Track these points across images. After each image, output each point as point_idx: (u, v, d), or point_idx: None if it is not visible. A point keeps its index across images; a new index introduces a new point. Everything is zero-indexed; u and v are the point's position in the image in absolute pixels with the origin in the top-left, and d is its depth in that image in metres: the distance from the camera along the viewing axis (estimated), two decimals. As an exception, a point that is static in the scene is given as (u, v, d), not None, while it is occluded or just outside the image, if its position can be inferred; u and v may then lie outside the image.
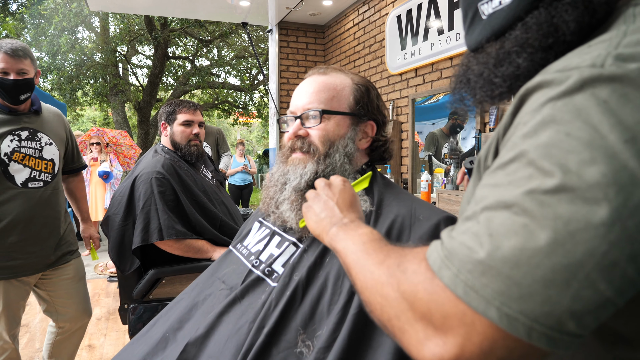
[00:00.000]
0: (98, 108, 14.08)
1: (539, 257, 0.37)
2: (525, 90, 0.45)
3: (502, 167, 0.43)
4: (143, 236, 1.88)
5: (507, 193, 0.41)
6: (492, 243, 0.40)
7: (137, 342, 1.10)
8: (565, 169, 0.38)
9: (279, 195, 1.03)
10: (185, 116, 2.12)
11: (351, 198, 0.78)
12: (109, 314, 3.68)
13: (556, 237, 0.37)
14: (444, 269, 0.43)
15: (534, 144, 0.40)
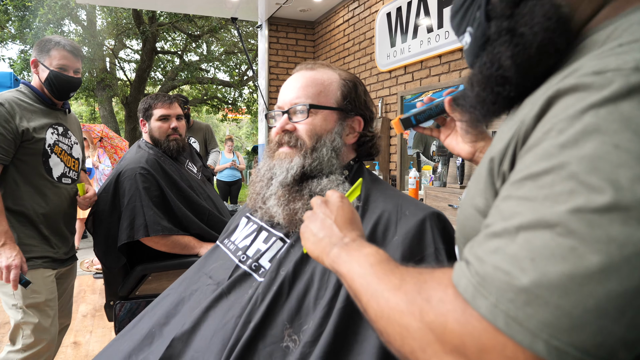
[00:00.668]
0: (84, 103, 13.89)
1: (591, 285, 0.34)
2: (556, 92, 0.42)
3: (533, 178, 0.39)
4: (129, 233, 1.87)
5: (546, 210, 0.37)
6: (536, 268, 0.35)
7: (122, 338, 1.10)
8: (616, 185, 0.34)
9: (265, 191, 1.03)
10: (161, 111, 2.09)
11: (350, 214, 0.73)
12: (95, 310, 3.65)
13: (610, 262, 0.33)
14: (479, 297, 0.39)
15: (577, 156, 0.37)
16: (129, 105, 10.94)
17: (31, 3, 9.33)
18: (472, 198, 0.55)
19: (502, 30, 0.53)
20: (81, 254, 5.43)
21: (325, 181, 0.99)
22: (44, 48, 1.85)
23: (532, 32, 0.50)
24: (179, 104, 2.18)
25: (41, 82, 1.87)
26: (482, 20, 0.56)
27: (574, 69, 0.43)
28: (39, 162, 1.85)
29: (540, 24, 0.49)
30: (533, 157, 0.41)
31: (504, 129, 0.52)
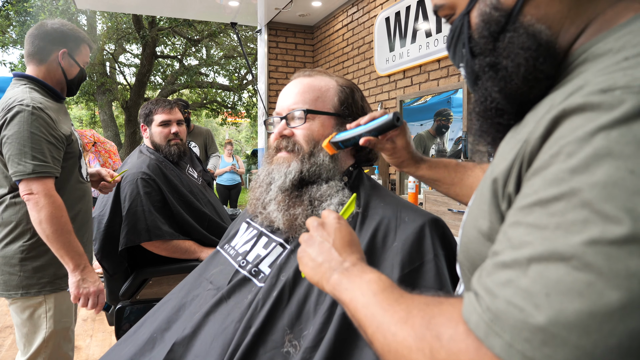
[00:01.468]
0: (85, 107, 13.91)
1: (612, 322, 0.31)
2: (562, 112, 0.40)
3: (543, 205, 0.38)
4: (130, 237, 1.88)
5: (559, 241, 0.35)
6: (552, 305, 0.33)
7: (124, 342, 1.10)
8: (634, 215, 0.32)
9: (265, 196, 1.04)
10: (161, 116, 2.10)
11: (348, 236, 0.69)
12: (96, 315, 3.65)
13: (631, 298, 0.31)
14: (492, 336, 0.37)
15: (589, 182, 0.34)
16: (129, 110, 10.96)
17: (32, 8, 9.36)
18: (475, 220, 0.53)
19: (485, 66, 0.54)
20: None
21: (325, 187, 1.00)
22: (76, 41, 1.67)
23: (514, 65, 0.51)
24: (179, 108, 2.19)
25: (65, 75, 1.67)
26: (468, 57, 0.58)
27: (578, 85, 0.42)
28: (77, 164, 1.71)
29: (520, 55, 0.51)
30: (542, 181, 0.39)
31: (505, 147, 0.51)
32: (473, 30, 0.57)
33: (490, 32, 0.54)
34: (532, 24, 0.51)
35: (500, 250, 0.41)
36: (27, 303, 1.62)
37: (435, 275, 0.84)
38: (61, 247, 1.51)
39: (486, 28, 0.55)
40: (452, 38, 0.61)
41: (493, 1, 0.54)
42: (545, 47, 0.50)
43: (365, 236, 0.91)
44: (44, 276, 1.62)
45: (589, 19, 0.51)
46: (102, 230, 1.95)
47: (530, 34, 0.51)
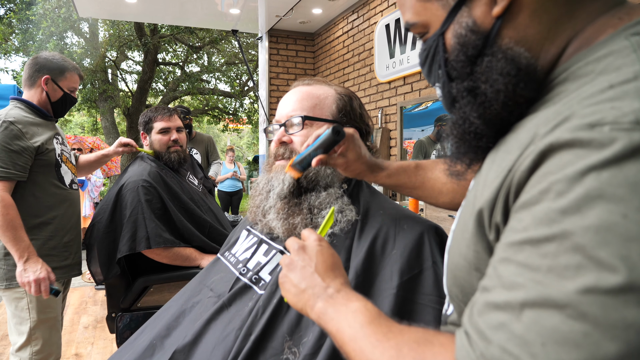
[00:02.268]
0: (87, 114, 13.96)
1: None
2: (549, 146, 0.39)
3: (533, 244, 0.37)
4: (130, 245, 1.88)
5: (553, 286, 0.34)
6: (549, 356, 0.33)
7: (124, 350, 1.11)
8: (630, 264, 0.31)
9: (264, 204, 1.04)
10: (161, 124, 2.12)
11: (330, 259, 0.67)
12: (97, 322, 3.65)
13: (629, 350, 0.31)
14: None
15: (581, 225, 0.34)
16: (131, 116, 11.00)
17: (35, 17, 9.43)
18: (459, 247, 0.53)
19: (463, 90, 0.53)
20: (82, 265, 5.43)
21: (324, 194, 1.01)
22: (60, 69, 1.94)
23: (494, 90, 0.50)
24: (179, 115, 2.21)
25: (49, 99, 1.93)
26: (445, 80, 0.56)
27: (564, 115, 0.40)
28: (52, 172, 1.92)
29: (499, 81, 0.49)
30: (532, 218, 0.38)
31: (488, 174, 0.49)
32: (449, 52, 0.54)
33: (468, 56, 0.52)
34: (510, 47, 0.50)
35: (491, 287, 0.40)
36: (13, 295, 1.84)
37: (434, 283, 0.84)
38: (7, 241, 1.73)
39: (463, 51, 0.52)
40: (426, 57, 0.59)
41: (469, 23, 0.52)
42: (525, 71, 0.49)
43: (364, 243, 0.91)
44: None
45: (569, 38, 0.50)
46: (99, 237, 1.95)
47: (509, 58, 0.49)
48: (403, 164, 0.97)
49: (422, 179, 0.95)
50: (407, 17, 0.59)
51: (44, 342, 1.87)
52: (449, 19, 0.53)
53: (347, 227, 0.96)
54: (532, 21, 0.50)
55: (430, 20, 0.56)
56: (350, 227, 0.96)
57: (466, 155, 0.56)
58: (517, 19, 0.50)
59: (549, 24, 0.50)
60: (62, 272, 1.96)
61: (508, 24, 0.50)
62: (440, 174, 0.94)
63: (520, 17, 0.50)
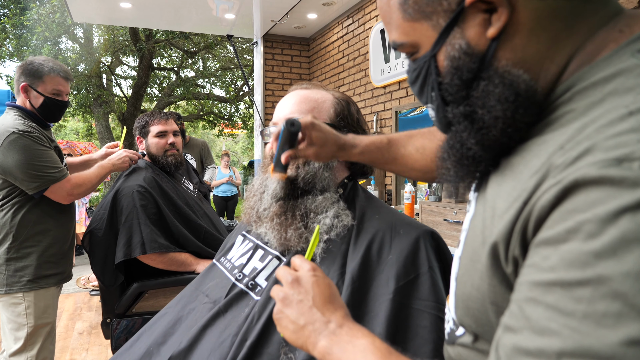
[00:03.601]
0: (81, 119, 13.91)
1: None
2: (574, 183, 0.37)
3: (565, 287, 0.35)
4: (125, 250, 1.87)
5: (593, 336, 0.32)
6: None
7: (120, 357, 1.10)
8: None
9: (259, 205, 1.04)
10: (157, 127, 2.12)
11: (328, 290, 0.64)
12: (91, 328, 3.62)
13: None
14: None
15: (619, 271, 0.32)
16: (126, 122, 10.96)
17: (29, 22, 9.40)
18: (470, 277, 0.50)
19: (460, 116, 0.50)
20: (77, 270, 5.40)
21: (320, 198, 1.01)
22: (35, 74, 1.85)
23: (492, 117, 0.47)
24: (174, 119, 2.21)
25: (33, 107, 1.88)
26: (439, 103, 0.53)
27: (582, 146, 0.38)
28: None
29: (497, 108, 0.47)
30: (559, 259, 0.36)
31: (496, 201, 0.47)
32: (442, 75, 0.51)
33: (463, 80, 0.49)
34: (508, 70, 0.47)
35: (518, 329, 0.38)
36: (10, 301, 1.84)
37: (431, 287, 0.84)
38: (99, 178, 2.02)
39: (457, 75, 0.49)
40: (417, 77, 0.55)
41: (462, 45, 0.48)
42: (524, 96, 0.47)
43: (360, 249, 0.91)
44: (25, 275, 1.84)
45: (569, 55, 0.47)
46: (99, 243, 1.94)
47: (507, 83, 0.47)
48: (375, 139, 0.95)
49: (394, 155, 0.95)
50: (394, 36, 0.55)
51: (40, 347, 1.87)
52: (440, 41, 0.50)
53: (343, 232, 0.96)
54: (529, 41, 0.47)
55: (420, 41, 0.52)
56: (346, 232, 0.96)
57: (464, 179, 0.54)
58: (514, 40, 0.47)
59: (548, 42, 0.47)
60: (57, 279, 1.96)
61: (504, 45, 0.47)
62: (412, 149, 0.94)
63: (517, 38, 0.47)
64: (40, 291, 1.87)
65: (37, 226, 1.87)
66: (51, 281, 1.91)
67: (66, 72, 1.94)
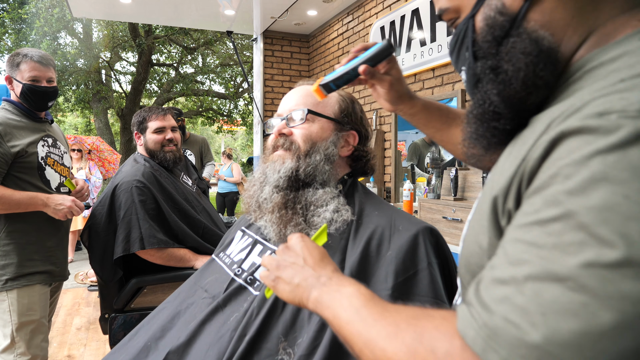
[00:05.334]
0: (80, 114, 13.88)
1: (604, 342, 0.33)
2: (560, 134, 0.41)
3: (541, 224, 0.39)
4: (124, 246, 1.87)
5: (556, 261, 0.36)
6: (548, 324, 0.35)
7: (118, 351, 1.10)
8: (628, 240, 0.33)
9: (259, 194, 1.04)
10: (155, 123, 2.11)
11: (316, 250, 0.70)
12: (89, 323, 3.62)
13: (623, 320, 0.33)
14: (489, 352, 0.38)
15: (585, 205, 0.36)
16: (125, 117, 10.95)
17: (27, 16, 9.37)
18: (475, 235, 0.53)
19: (486, 68, 0.55)
20: (75, 266, 5.40)
21: (321, 192, 1.01)
22: (13, 63, 1.85)
23: (515, 69, 0.52)
24: (172, 116, 2.20)
25: (17, 96, 1.87)
26: (471, 60, 0.58)
27: (575, 106, 0.42)
28: (35, 175, 1.88)
29: (520, 60, 0.51)
30: (541, 201, 0.40)
31: (504, 164, 0.51)
32: (477, 34, 0.57)
33: (494, 37, 0.55)
34: (535, 30, 0.52)
35: (498, 265, 0.42)
36: None
37: (429, 284, 0.84)
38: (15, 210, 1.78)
39: (490, 32, 0.55)
40: (455, 42, 0.61)
41: (498, 5, 0.54)
42: (546, 53, 0.51)
43: (359, 244, 0.91)
44: (5, 274, 1.82)
45: (590, 30, 0.51)
46: (97, 238, 1.94)
47: (533, 39, 0.52)
48: (435, 102, 0.96)
49: (451, 123, 0.95)
50: (441, 3, 0.62)
51: (27, 345, 1.85)
52: (479, 2, 0.56)
53: (343, 227, 0.96)
54: (557, 6, 0.51)
55: (462, 5, 0.59)
56: (346, 227, 0.96)
57: (483, 137, 0.58)
58: (544, 3, 0.52)
59: (573, 12, 0.51)
60: (46, 277, 1.93)
61: (535, 7, 0.52)
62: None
63: (546, 1, 0.52)
64: (23, 289, 1.84)
65: (15, 222, 1.82)
66: (35, 279, 1.87)
67: (42, 56, 1.87)
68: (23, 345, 1.84)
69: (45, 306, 1.94)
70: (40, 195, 1.82)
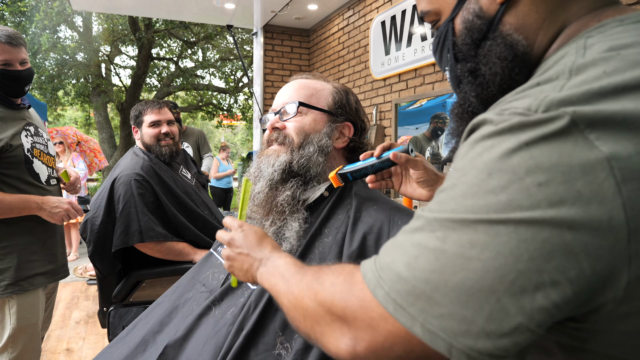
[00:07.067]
0: (80, 108, 13.84)
1: (449, 274, 0.41)
2: (472, 125, 0.48)
3: (437, 194, 0.47)
4: (123, 239, 1.87)
5: (433, 218, 0.45)
6: (417, 265, 0.43)
7: (116, 345, 1.10)
8: (471, 208, 0.42)
9: (252, 188, 1.03)
10: (151, 117, 2.09)
11: (254, 236, 0.82)
12: (88, 317, 3.63)
13: (471, 264, 0.40)
14: (378, 287, 0.47)
15: (462, 181, 0.44)
16: (124, 111, 10.92)
17: (27, 9, 9.33)
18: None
19: (466, 71, 0.59)
20: (78, 260, 5.40)
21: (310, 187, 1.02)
22: None
23: (492, 73, 0.55)
24: (169, 108, 2.18)
25: None
26: (453, 62, 0.61)
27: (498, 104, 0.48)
28: (23, 170, 1.74)
29: (497, 64, 0.54)
30: (448, 176, 0.48)
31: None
32: (457, 36, 0.60)
33: (473, 40, 0.57)
34: (510, 34, 0.54)
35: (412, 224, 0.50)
36: None
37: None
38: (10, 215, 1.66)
39: (469, 35, 0.57)
40: (437, 43, 0.64)
41: (476, 9, 0.57)
42: (521, 58, 0.54)
43: (356, 239, 0.91)
44: (5, 279, 1.70)
45: (558, 31, 0.53)
46: (96, 232, 1.94)
47: (508, 44, 0.54)
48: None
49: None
50: (422, 6, 0.65)
51: (23, 348, 1.75)
52: (458, 6, 0.59)
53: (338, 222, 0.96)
54: (530, 10, 0.54)
55: (442, 8, 0.62)
56: (343, 221, 0.96)
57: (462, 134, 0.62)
58: (518, 7, 0.54)
59: (545, 14, 0.53)
60: (48, 277, 1.82)
61: (510, 10, 0.55)
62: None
63: (521, 5, 0.54)
64: (24, 294, 1.73)
65: (9, 224, 1.69)
66: (36, 282, 1.76)
67: (10, 36, 1.67)
68: (18, 349, 1.75)
69: (42, 309, 1.85)
70: (33, 198, 1.70)
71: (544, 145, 0.40)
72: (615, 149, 0.38)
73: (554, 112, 0.40)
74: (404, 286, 0.44)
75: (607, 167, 0.38)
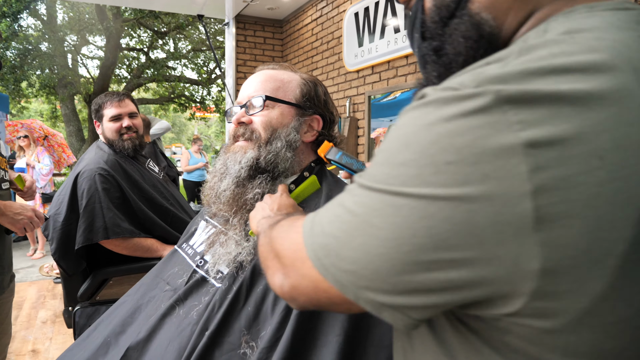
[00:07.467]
0: (45, 100, 13.38)
1: (358, 243, 0.43)
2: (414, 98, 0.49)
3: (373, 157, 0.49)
4: (87, 235, 1.80)
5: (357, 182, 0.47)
6: (326, 229, 0.47)
7: (77, 347, 1.06)
8: (378, 179, 0.44)
9: (218, 185, 1.00)
10: (111, 110, 1.99)
11: (283, 201, 0.86)
12: (55, 316, 3.52)
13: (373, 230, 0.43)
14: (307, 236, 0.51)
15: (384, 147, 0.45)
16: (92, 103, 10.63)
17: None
18: None
19: (430, 49, 0.57)
20: (47, 258, 5.23)
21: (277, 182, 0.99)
22: None
23: (455, 52, 0.53)
24: (131, 99, 2.09)
25: None
26: (419, 41, 0.59)
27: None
28: None
29: (461, 43, 0.52)
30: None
31: None
32: (426, 15, 0.57)
33: (441, 17, 0.55)
34: (477, 13, 0.52)
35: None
36: None
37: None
38: None
39: (437, 13, 0.55)
40: (409, 23, 0.62)
41: None
42: (487, 39, 0.51)
43: None
44: None
45: (529, 13, 0.51)
46: (59, 229, 1.86)
47: (474, 23, 0.52)
48: None
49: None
50: None
51: None
52: None
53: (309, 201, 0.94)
54: None
55: None
56: (316, 204, 0.94)
57: None
58: None
59: None
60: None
61: None
62: None
63: None
64: None
65: None
66: None
67: None
68: None
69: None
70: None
71: (462, 122, 0.39)
72: (534, 135, 0.37)
73: (481, 88, 0.39)
74: (322, 240, 0.47)
75: (520, 153, 0.37)
